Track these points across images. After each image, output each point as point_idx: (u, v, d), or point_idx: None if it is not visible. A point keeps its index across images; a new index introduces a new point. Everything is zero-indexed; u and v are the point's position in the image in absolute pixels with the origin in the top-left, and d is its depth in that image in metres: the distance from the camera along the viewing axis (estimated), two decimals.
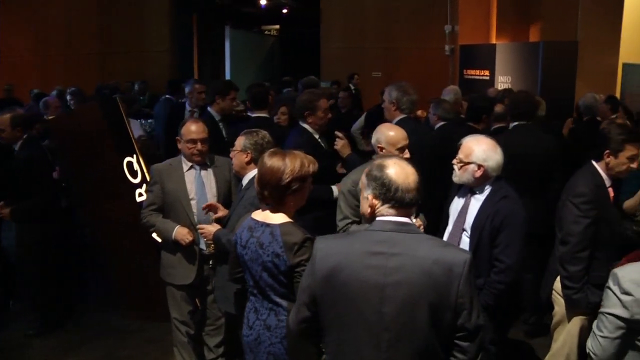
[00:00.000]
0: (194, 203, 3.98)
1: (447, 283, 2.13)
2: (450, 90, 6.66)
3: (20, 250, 5.01)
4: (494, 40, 10.84)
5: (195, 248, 3.98)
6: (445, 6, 12.02)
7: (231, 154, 3.71)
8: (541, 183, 4.68)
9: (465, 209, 3.44)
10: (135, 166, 5.12)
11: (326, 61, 13.00)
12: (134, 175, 5.09)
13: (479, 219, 3.33)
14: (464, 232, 3.43)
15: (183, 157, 4.02)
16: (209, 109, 5.53)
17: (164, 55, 13.21)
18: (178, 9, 13.63)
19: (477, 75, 9.43)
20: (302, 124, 4.48)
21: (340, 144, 4.44)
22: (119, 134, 5.12)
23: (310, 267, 2.30)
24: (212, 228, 3.63)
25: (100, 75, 12.39)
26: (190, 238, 3.88)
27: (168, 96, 8.33)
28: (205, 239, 3.81)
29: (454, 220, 3.51)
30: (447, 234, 3.54)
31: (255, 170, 3.41)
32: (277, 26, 21.37)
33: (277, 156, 2.79)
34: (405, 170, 2.25)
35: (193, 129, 3.91)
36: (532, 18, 10.57)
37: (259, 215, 2.85)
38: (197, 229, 3.80)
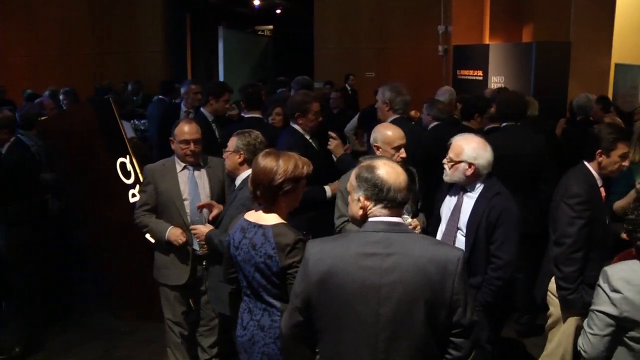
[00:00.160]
0: (187, 203, 3.97)
1: (442, 281, 2.14)
2: (445, 91, 6.67)
3: (8, 252, 4.92)
4: (487, 41, 10.87)
5: (189, 248, 3.97)
6: (438, 7, 12.07)
7: (224, 154, 3.71)
8: (532, 183, 4.68)
9: (459, 208, 3.45)
10: (129, 167, 5.10)
11: (320, 61, 12.99)
12: (127, 175, 5.08)
13: (474, 216, 3.34)
14: (458, 231, 3.43)
15: (176, 158, 4.02)
16: (202, 109, 5.53)
17: (158, 56, 13.20)
18: (171, 9, 13.62)
19: (471, 75, 9.45)
20: (293, 124, 4.48)
21: (334, 144, 4.44)
22: (111, 135, 5.10)
23: (303, 272, 2.27)
24: (205, 229, 3.64)
25: (94, 76, 12.35)
26: (184, 239, 3.88)
27: (161, 96, 8.32)
28: (198, 240, 3.81)
29: (448, 220, 3.52)
30: (441, 234, 3.54)
31: (248, 170, 3.42)
32: (271, 26, 21.35)
33: (271, 156, 2.79)
34: (396, 170, 2.27)
35: (186, 129, 3.90)
36: (525, 18, 10.60)
37: (252, 216, 2.84)
38: (190, 230, 3.81)
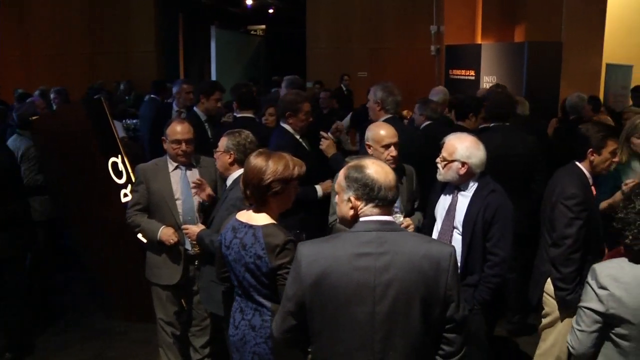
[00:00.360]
0: (179, 203, 3.96)
1: (436, 277, 2.15)
2: (439, 91, 6.69)
3: None
4: (479, 41, 10.88)
5: (181, 248, 3.96)
6: (430, 7, 12.08)
7: (215, 154, 3.70)
8: (525, 183, 4.69)
9: (454, 207, 3.45)
10: (120, 166, 5.09)
11: (312, 61, 12.97)
12: (119, 175, 5.06)
13: (469, 214, 3.34)
14: (454, 230, 3.44)
15: (169, 158, 4.01)
16: (195, 109, 5.52)
17: (150, 56, 13.13)
18: (164, 9, 13.58)
19: (463, 75, 9.46)
20: (283, 124, 4.46)
21: (326, 144, 4.43)
22: (103, 134, 5.08)
23: (295, 274, 2.24)
24: (196, 228, 3.64)
25: (87, 76, 12.30)
26: (175, 238, 3.87)
27: (153, 96, 8.30)
28: (190, 239, 3.81)
29: (443, 219, 3.51)
30: (437, 233, 3.53)
31: (238, 171, 3.42)
32: (263, 26, 21.33)
33: (262, 156, 2.79)
34: (384, 169, 2.27)
35: (178, 129, 3.90)
36: (517, 19, 10.63)
37: (243, 216, 2.84)
38: (182, 229, 3.80)
